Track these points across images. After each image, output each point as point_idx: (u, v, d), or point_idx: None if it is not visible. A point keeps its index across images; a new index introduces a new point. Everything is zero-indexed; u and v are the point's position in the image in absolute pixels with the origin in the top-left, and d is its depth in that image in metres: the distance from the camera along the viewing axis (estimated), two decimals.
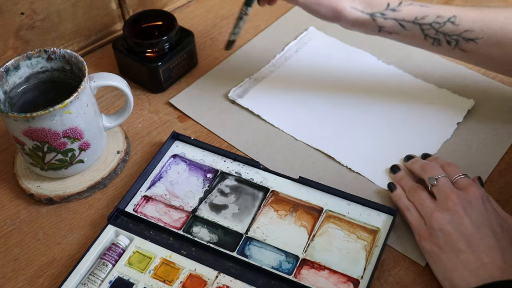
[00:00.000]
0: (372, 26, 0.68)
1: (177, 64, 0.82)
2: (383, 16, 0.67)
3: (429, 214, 0.61)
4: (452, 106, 0.78)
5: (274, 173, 0.71)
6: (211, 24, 0.93)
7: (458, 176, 0.64)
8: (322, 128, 0.76)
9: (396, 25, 0.68)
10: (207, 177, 0.71)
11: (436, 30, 0.67)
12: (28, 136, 0.64)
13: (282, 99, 0.80)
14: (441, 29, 0.67)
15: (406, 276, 0.62)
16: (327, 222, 0.66)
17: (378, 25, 0.68)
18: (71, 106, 0.63)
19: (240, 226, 0.66)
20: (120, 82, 0.69)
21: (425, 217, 0.62)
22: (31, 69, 0.69)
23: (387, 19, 0.67)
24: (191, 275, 0.62)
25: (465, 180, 0.63)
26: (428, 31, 0.67)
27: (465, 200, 0.60)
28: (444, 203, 0.61)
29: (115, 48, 0.82)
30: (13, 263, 0.65)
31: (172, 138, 0.74)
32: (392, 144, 0.74)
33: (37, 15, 0.81)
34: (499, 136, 0.74)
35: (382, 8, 0.67)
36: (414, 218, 0.63)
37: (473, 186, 0.62)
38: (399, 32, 0.68)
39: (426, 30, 0.67)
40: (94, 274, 0.62)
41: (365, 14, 0.67)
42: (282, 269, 0.62)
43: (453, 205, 0.60)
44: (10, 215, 0.70)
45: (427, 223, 0.61)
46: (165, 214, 0.68)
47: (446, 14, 0.67)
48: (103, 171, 0.72)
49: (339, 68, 0.83)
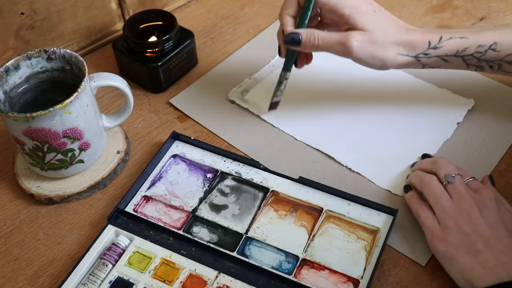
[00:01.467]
0: (417, 65, 0.70)
1: (177, 64, 0.82)
2: (426, 56, 0.68)
3: (446, 213, 0.60)
4: (452, 106, 0.78)
5: (274, 173, 0.71)
6: (211, 24, 0.93)
7: (469, 178, 0.64)
8: (322, 128, 0.76)
9: (440, 61, 0.69)
10: (207, 177, 0.71)
11: (478, 59, 0.68)
12: (28, 136, 0.64)
13: (282, 99, 0.80)
14: (483, 57, 0.68)
15: (406, 276, 0.62)
16: (327, 222, 0.66)
17: (422, 63, 0.69)
18: (71, 106, 0.63)
19: (240, 226, 0.66)
20: (120, 82, 0.69)
21: (439, 216, 0.61)
22: (31, 69, 0.69)
23: (431, 57, 0.68)
24: (191, 275, 0.62)
25: (476, 182, 0.64)
26: (470, 61, 0.69)
27: (480, 202, 0.60)
28: (460, 203, 0.60)
29: (115, 48, 0.82)
30: (13, 263, 0.65)
31: (172, 138, 0.74)
32: (392, 144, 0.74)
33: (37, 15, 0.81)
34: (499, 136, 0.74)
35: (424, 49, 0.68)
36: (427, 218, 0.62)
37: (485, 188, 0.62)
38: (442, 65, 0.70)
39: (468, 60, 0.69)
40: (94, 274, 0.62)
41: (409, 57, 0.68)
42: (282, 269, 0.62)
43: (469, 206, 0.60)
44: (10, 215, 0.70)
45: (441, 222, 0.60)
46: (165, 214, 0.68)
47: (487, 42, 0.67)
48: (103, 171, 0.72)
49: (338, 68, 0.83)
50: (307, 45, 0.68)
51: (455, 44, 0.68)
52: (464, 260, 0.57)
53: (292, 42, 0.68)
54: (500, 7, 0.93)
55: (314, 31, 0.68)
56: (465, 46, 0.68)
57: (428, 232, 0.61)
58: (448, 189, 0.63)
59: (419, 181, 0.65)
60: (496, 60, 0.68)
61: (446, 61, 0.69)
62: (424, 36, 0.68)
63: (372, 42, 0.66)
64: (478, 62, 0.69)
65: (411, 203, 0.65)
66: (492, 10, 0.92)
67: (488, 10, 0.92)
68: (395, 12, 0.93)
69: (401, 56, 0.68)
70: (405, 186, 0.67)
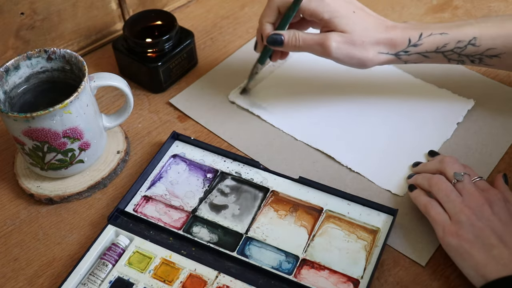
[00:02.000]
0: (398, 62, 0.71)
1: (177, 64, 0.82)
2: (406, 53, 0.70)
3: (457, 208, 0.60)
4: (452, 106, 0.78)
5: (274, 173, 0.71)
6: (211, 24, 0.93)
7: (476, 178, 0.64)
8: (322, 128, 0.76)
9: (420, 57, 0.70)
10: (207, 177, 0.71)
11: (459, 54, 0.69)
12: (28, 136, 0.64)
13: (282, 99, 0.80)
14: (463, 52, 0.69)
15: (406, 276, 0.62)
16: (327, 222, 0.66)
17: (403, 60, 0.71)
18: (71, 106, 0.63)
19: (240, 226, 0.66)
20: (120, 82, 0.69)
21: (450, 211, 0.60)
22: (31, 69, 0.69)
23: (411, 54, 0.70)
24: (191, 275, 0.62)
25: (484, 182, 0.64)
26: (451, 56, 0.70)
27: (490, 200, 0.60)
28: (471, 200, 0.60)
29: (115, 48, 0.82)
30: (13, 263, 0.65)
31: (172, 138, 0.74)
32: (392, 144, 0.74)
33: (37, 15, 0.81)
34: (499, 136, 0.74)
35: (405, 46, 0.69)
36: (438, 213, 0.61)
37: (492, 188, 0.62)
38: (423, 61, 0.71)
39: (448, 55, 0.70)
40: (94, 274, 0.62)
41: (390, 55, 0.70)
42: (282, 269, 0.62)
43: (480, 203, 0.60)
44: (10, 215, 0.70)
45: (453, 218, 0.60)
46: (165, 214, 0.68)
47: (466, 37, 0.68)
48: (103, 171, 0.72)
49: (338, 68, 0.83)
50: (289, 46, 0.70)
51: (435, 41, 0.69)
52: (478, 255, 0.57)
53: (274, 43, 0.71)
54: (500, 7, 0.93)
55: (296, 32, 0.70)
56: (444, 42, 0.69)
57: (439, 228, 0.60)
58: (457, 187, 0.62)
59: (426, 182, 0.65)
60: (476, 55, 0.69)
61: (426, 57, 0.70)
62: (404, 33, 0.69)
63: (350, 42, 0.68)
64: (459, 57, 0.70)
65: (419, 200, 0.64)
66: (492, 10, 0.92)
67: (488, 10, 0.92)
68: (395, 12, 0.93)
69: (381, 55, 0.69)
70: (409, 186, 0.67)
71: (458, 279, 0.61)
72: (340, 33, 0.68)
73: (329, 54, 0.69)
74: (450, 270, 0.62)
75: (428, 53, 0.69)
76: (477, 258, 0.57)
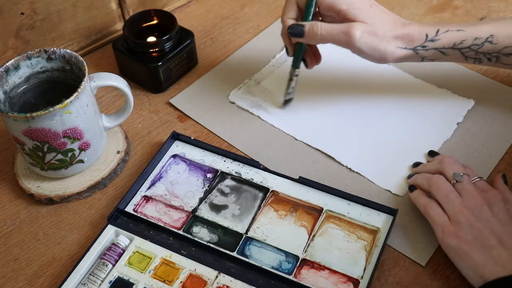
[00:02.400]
0: (415, 58, 0.71)
1: (177, 64, 0.82)
2: (424, 48, 0.69)
3: (456, 208, 0.60)
4: (452, 106, 0.78)
5: (274, 173, 0.71)
6: (211, 24, 0.93)
7: (476, 178, 0.64)
8: (322, 128, 0.76)
9: (437, 53, 0.70)
10: (207, 177, 0.71)
11: (476, 51, 0.69)
12: (28, 136, 0.64)
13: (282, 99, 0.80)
14: (480, 50, 0.69)
15: (406, 276, 0.62)
16: (327, 222, 0.66)
17: (420, 56, 0.70)
18: (71, 106, 0.63)
19: (240, 226, 0.66)
20: (120, 82, 0.69)
21: (450, 212, 0.61)
22: (31, 69, 0.69)
23: (428, 49, 0.69)
24: (191, 275, 0.62)
25: (483, 183, 0.64)
26: (468, 53, 0.69)
27: (489, 201, 0.60)
28: (470, 201, 0.60)
29: (115, 48, 0.82)
30: (13, 263, 0.65)
31: (172, 138, 0.74)
32: (392, 144, 0.74)
33: (37, 15, 0.81)
34: (499, 136, 0.74)
35: (422, 41, 0.69)
36: (437, 214, 0.61)
37: (492, 189, 0.62)
38: (440, 58, 0.71)
39: (466, 53, 0.69)
40: (94, 274, 0.62)
41: (408, 50, 0.69)
42: (282, 269, 0.62)
43: (480, 204, 0.60)
44: (10, 215, 0.70)
45: (452, 218, 0.60)
46: (165, 214, 0.68)
47: (483, 35, 0.68)
48: (103, 171, 0.72)
49: (338, 68, 0.83)
50: (310, 36, 0.69)
51: (452, 37, 0.69)
52: (477, 256, 0.57)
53: (295, 33, 0.70)
54: (500, 7, 0.93)
55: (317, 22, 0.69)
56: (462, 39, 0.68)
57: (438, 229, 0.61)
58: (457, 187, 0.62)
59: (426, 182, 0.65)
60: (493, 53, 0.69)
61: (444, 53, 0.70)
62: (421, 29, 0.69)
63: (374, 33, 0.68)
64: (476, 54, 0.69)
65: (419, 200, 0.65)
66: (492, 10, 0.92)
67: (488, 10, 0.92)
68: (395, 12, 0.92)
69: (399, 49, 0.69)
70: (409, 186, 0.67)
71: (458, 279, 0.61)
72: (363, 23, 0.68)
73: (352, 44, 0.68)
74: (450, 270, 0.62)
75: (445, 49, 0.69)
76: (476, 259, 0.57)
